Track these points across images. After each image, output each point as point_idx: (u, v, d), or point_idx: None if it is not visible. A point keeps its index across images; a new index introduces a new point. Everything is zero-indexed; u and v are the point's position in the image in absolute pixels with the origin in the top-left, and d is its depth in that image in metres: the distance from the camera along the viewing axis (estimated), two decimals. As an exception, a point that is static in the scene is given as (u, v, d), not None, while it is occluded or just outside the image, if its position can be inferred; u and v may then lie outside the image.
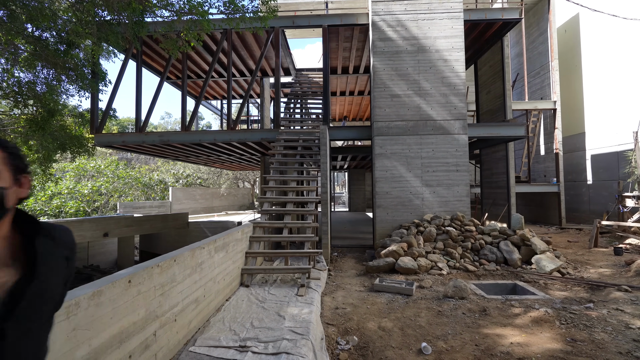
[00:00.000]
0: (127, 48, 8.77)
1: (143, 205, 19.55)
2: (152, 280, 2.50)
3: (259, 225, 5.65)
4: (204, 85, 8.92)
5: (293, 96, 11.40)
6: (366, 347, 3.39)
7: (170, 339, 2.74)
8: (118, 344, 2.09)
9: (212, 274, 3.74)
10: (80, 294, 1.81)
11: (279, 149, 7.55)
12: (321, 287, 5.00)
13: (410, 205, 7.62)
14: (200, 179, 27.39)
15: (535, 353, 3.12)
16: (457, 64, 7.64)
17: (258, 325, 3.39)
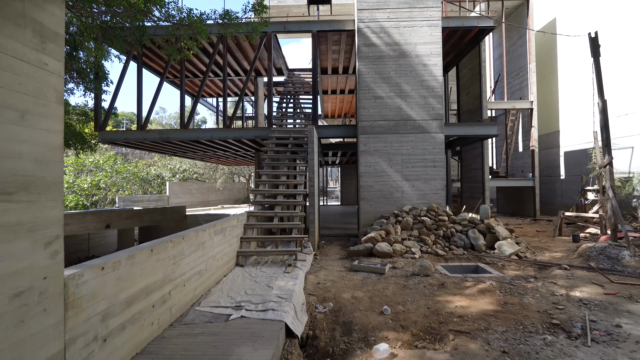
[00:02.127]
0: (129, 50, 9.34)
1: (141, 199, 20.10)
2: (167, 252, 3.22)
3: (252, 214, 6.37)
4: (201, 86, 9.55)
5: (286, 94, 12.06)
6: (339, 311, 4.15)
7: (180, 299, 3.48)
8: (145, 295, 2.82)
9: (212, 252, 4.47)
10: (120, 255, 2.53)
11: (271, 146, 8.24)
12: (306, 267, 5.76)
13: (391, 197, 8.38)
14: (197, 174, 27.96)
15: (472, 312, 3.90)
16: (435, 69, 8.36)
17: (250, 293, 4.14)
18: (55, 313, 1.86)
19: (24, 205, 1.68)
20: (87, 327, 2.14)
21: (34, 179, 1.75)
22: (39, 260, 1.76)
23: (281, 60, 11.54)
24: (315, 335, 3.70)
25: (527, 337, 3.29)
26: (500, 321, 3.66)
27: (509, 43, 14.17)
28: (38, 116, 1.78)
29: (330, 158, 16.36)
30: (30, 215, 1.71)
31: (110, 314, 2.37)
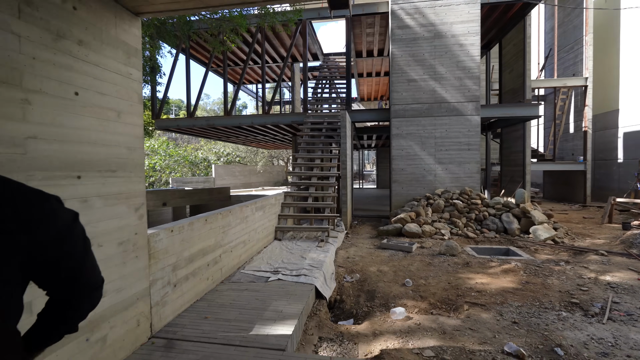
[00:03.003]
0: (178, 44, 10.21)
1: (190, 180, 21.95)
2: (218, 222, 3.88)
3: (289, 194, 6.96)
4: (242, 74, 10.19)
5: (321, 79, 12.34)
6: (365, 281, 4.60)
7: (229, 262, 4.16)
8: (201, 255, 3.49)
9: (254, 226, 5.12)
10: (184, 222, 3.18)
11: (306, 130, 8.70)
12: (338, 243, 6.25)
13: (424, 180, 8.48)
14: (239, 157, 29.56)
15: (491, 288, 4.13)
16: (473, 48, 8.10)
17: (287, 261, 4.74)
18: (143, 260, 2.53)
19: (122, 179, 2.31)
20: (163, 273, 2.82)
21: (127, 160, 2.37)
22: (132, 220, 2.40)
23: (316, 46, 11.77)
24: (342, 299, 4.21)
25: (541, 312, 3.49)
26: (518, 297, 3.86)
27: (563, 14, 12.90)
28: (128, 114, 2.38)
29: (365, 141, 16.48)
30: (126, 187, 2.35)
31: (178, 267, 3.04)
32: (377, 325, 3.30)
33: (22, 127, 1.66)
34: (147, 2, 2.28)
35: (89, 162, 2.06)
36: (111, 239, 2.21)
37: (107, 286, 2.18)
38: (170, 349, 2.46)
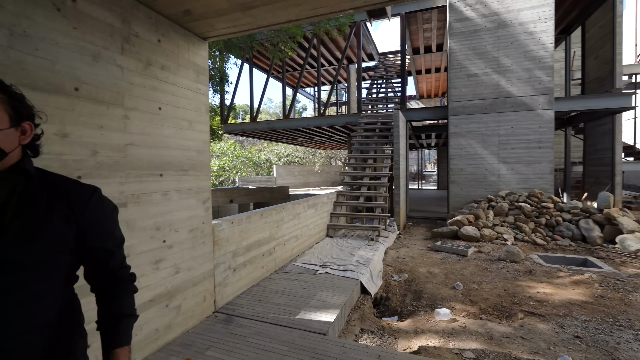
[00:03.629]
0: (242, 55, 11.21)
1: (254, 179, 23.63)
2: (272, 217, 4.28)
3: (341, 194, 7.18)
4: (299, 78, 10.74)
5: (376, 79, 12.30)
6: (413, 281, 4.59)
7: (282, 254, 4.55)
8: (257, 246, 3.91)
9: (305, 222, 5.46)
10: (242, 215, 3.62)
11: (360, 131, 8.82)
12: (388, 243, 6.27)
13: (485, 181, 7.94)
14: (298, 158, 30.82)
15: (555, 299, 3.79)
16: (545, 36, 7.32)
17: (335, 257, 4.97)
18: (209, 245, 3.00)
19: (192, 177, 2.79)
20: (224, 259, 3.27)
21: (196, 161, 2.84)
22: (200, 211, 2.88)
23: (371, 46, 11.78)
24: (388, 297, 4.28)
25: (614, 330, 3.12)
26: (586, 311, 3.49)
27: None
28: (197, 123, 2.86)
29: (424, 140, 15.86)
30: (195, 184, 2.82)
31: (237, 254, 3.49)
32: (419, 324, 3.32)
33: (123, 136, 2.18)
34: (212, 28, 2.72)
35: (169, 163, 2.55)
36: (184, 226, 2.70)
37: (181, 265, 2.66)
38: (229, 323, 2.87)
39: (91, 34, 1.96)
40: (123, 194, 2.16)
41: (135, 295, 2.05)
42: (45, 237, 0.79)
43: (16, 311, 0.75)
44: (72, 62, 1.86)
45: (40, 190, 0.82)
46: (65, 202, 0.84)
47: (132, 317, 0.96)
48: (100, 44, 2.02)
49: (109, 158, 2.08)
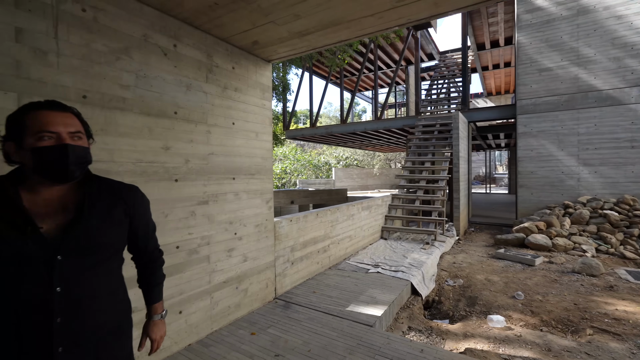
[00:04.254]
0: (303, 64, 11.91)
1: (314, 182, 24.49)
2: (327, 217, 4.63)
3: (396, 197, 7.23)
4: (357, 83, 10.99)
5: (436, 78, 11.90)
6: (468, 287, 4.49)
7: (336, 252, 4.87)
8: (313, 243, 4.29)
9: (359, 223, 5.70)
10: (300, 215, 4.04)
11: (418, 134, 8.71)
12: (445, 248, 6.14)
13: (561, 185, 7.19)
14: (357, 161, 30.98)
15: (637, 318, 3.38)
16: (639, 18, 6.37)
17: (388, 258, 5.10)
18: (271, 240, 3.45)
19: (258, 180, 3.27)
20: (283, 252, 3.71)
21: (261, 167, 3.32)
22: (264, 209, 3.35)
23: (431, 46, 11.46)
24: (440, 300, 4.28)
25: None
26: (678, 334, 3.07)
27: None
28: (262, 133, 3.34)
29: (492, 141, 14.72)
30: (260, 186, 3.30)
31: (295, 249, 3.91)
32: (470, 328, 3.31)
33: (206, 147, 2.72)
34: (275, 52, 3.17)
35: (240, 168, 3.06)
36: (250, 222, 3.18)
37: (248, 254, 3.15)
38: (287, 309, 3.28)
39: (186, 69, 2.54)
40: (206, 194, 2.71)
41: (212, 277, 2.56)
42: (114, 224, 1.03)
43: (100, 279, 0.99)
44: (173, 92, 2.44)
45: (102, 190, 1.03)
46: (120, 198, 1.06)
47: (162, 283, 1.28)
48: (192, 76, 2.59)
49: (197, 165, 2.63)
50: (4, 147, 0.91)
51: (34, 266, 0.86)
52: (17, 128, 0.89)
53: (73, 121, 0.94)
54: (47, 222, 0.90)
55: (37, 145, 0.87)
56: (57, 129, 0.89)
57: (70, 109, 0.96)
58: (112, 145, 2.05)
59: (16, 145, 0.89)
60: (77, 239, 0.92)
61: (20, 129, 0.88)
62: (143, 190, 2.10)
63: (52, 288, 0.87)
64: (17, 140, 0.89)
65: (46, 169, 0.88)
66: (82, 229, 0.93)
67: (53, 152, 0.87)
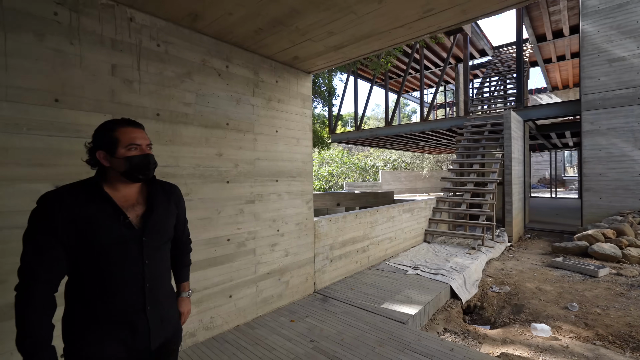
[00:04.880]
0: (347, 69, 12.12)
1: (360, 185, 24.46)
2: (366, 218, 4.78)
3: (441, 200, 7.06)
4: (402, 84, 10.88)
5: (488, 75, 11.23)
6: (515, 295, 4.28)
7: (375, 253, 4.98)
8: (352, 243, 4.48)
9: (400, 225, 5.72)
10: (339, 215, 4.26)
11: (466, 134, 8.37)
12: (493, 254, 5.86)
13: (638, 189, 6.36)
14: (405, 163, 30.18)
15: None
16: None
17: (429, 261, 5.07)
18: (310, 237, 3.73)
19: (299, 182, 3.57)
20: (322, 250, 3.96)
21: (301, 170, 3.62)
22: (304, 209, 3.64)
23: (482, 41, 10.87)
24: (482, 306, 4.16)
25: None
26: None
27: None
28: (303, 139, 3.64)
29: (557, 140, 13.36)
30: (301, 188, 3.60)
31: (334, 247, 4.14)
32: (510, 334, 3.21)
33: (253, 153, 3.10)
34: (314, 64, 3.46)
35: (282, 172, 3.39)
36: (292, 220, 3.50)
37: (289, 250, 3.46)
38: (325, 302, 3.52)
39: (236, 85, 2.94)
40: (252, 194, 3.08)
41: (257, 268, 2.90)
42: (171, 214, 1.32)
43: (164, 257, 1.29)
44: (226, 106, 2.85)
45: (159, 189, 1.30)
46: (171, 195, 1.34)
47: (189, 266, 1.54)
48: (241, 91, 2.98)
49: (245, 168, 3.01)
50: (94, 155, 1.16)
51: (130, 246, 1.15)
52: (109, 140, 1.14)
53: (146, 135, 1.24)
54: (130, 213, 1.18)
55: (127, 154, 1.15)
56: (140, 142, 1.19)
57: (142, 125, 1.25)
58: (177, 153, 2.50)
59: (107, 154, 1.15)
60: (153, 225, 1.21)
61: (112, 142, 1.14)
62: (201, 190, 2.54)
63: (142, 262, 1.17)
64: (109, 150, 1.14)
65: (135, 172, 1.17)
66: (154, 218, 1.22)
67: (141, 159, 1.18)
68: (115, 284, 1.13)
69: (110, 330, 1.13)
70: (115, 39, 2.17)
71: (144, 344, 1.18)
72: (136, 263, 1.16)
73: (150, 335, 1.18)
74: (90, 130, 2.00)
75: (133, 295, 1.16)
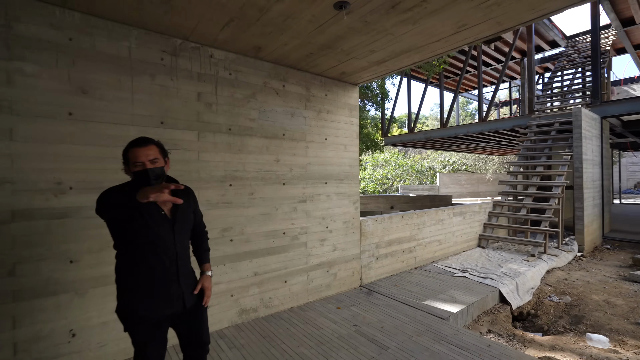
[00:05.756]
0: (400, 72, 12.10)
1: (416, 188, 23.79)
2: (412, 220, 4.93)
3: (498, 204, 6.76)
4: (459, 82, 10.52)
5: (563, 67, 10.21)
6: (576, 306, 4.04)
7: (422, 254, 5.09)
8: (398, 243, 4.68)
9: (450, 229, 5.70)
10: (385, 216, 4.51)
11: (530, 135, 7.83)
12: (557, 263, 5.47)
13: None
14: (466, 165, 28.39)
15: None
16: None
17: (480, 266, 4.99)
18: (357, 235, 4.06)
19: (346, 185, 3.93)
20: (369, 247, 4.25)
21: (349, 173, 3.98)
22: (351, 209, 3.98)
23: (552, 32, 9.96)
24: (536, 314, 4.02)
25: None
26: None
27: None
28: (350, 146, 4.00)
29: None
30: (348, 189, 3.96)
31: (379, 246, 4.40)
32: (561, 342, 3.13)
33: (305, 159, 3.55)
34: (360, 77, 3.80)
35: (331, 175, 3.79)
36: (339, 219, 3.87)
37: (337, 245, 3.84)
38: (369, 295, 3.81)
39: (290, 101, 3.43)
40: (304, 194, 3.53)
41: (308, 260, 3.35)
42: (190, 209, 1.65)
43: (186, 241, 1.63)
44: (282, 119, 3.35)
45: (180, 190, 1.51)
46: (188, 195, 1.65)
47: (208, 251, 1.82)
48: (295, 106, 3.47)
49: (298, 172, 3.48)
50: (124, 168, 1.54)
51: (167, 232, 1.52)
52: (125, 159, 1.51)
53: (152, 151, 1.48)
54: (164, 208, 1.54)
55: (134, 170, 1.47)
56: (142, 160, 1.45)
57: (152, 141, 1.52)
58: (244, 160, 3.06)
59: (127, 168, 1.51)
60: (180, 217, 1.57)
61: (126, 160, 1.50)
62: (262, 190, 3.08)
63: (175, 244, 1.54)
64: (127, 165, 1.51)
65: (140, 182, 1.46)
66: (180, 211, 1.57)
67: (141, 173, 1.46)
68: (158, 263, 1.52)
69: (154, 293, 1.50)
70: (200, 72, 2.80)
71: (180, 304, 1.56)
72: (170, 245, 1.53)
73: (184, 297, 1.59)
74: (184, 144, 2.65)
75: (171, 272, 1.54)
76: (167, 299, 1.53)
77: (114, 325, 2.33)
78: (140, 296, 1.49)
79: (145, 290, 1.49)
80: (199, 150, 2.78)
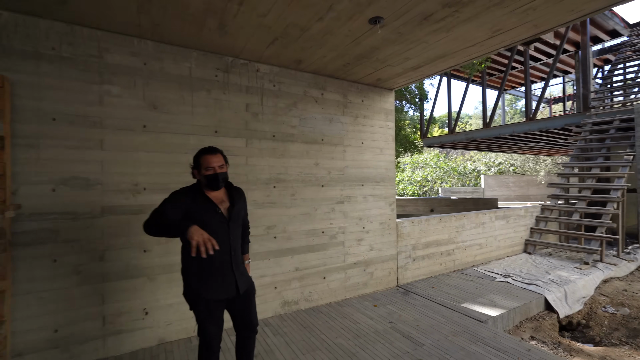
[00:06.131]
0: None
1: (458, 190, 22.80)
2: (451, 222, 4.88)
3: (547, 208, 6.38)
4: (504, 80, 10.04)
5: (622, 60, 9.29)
6: (635, 319, 3.75)
7: (461, 258, 5.01)
8: (436, 245, 4.67)
9: (492, 233, 5.52)
10: (422, 218, 4.54)
11: (585, 134, 7.27)
12: (615, 272, 5.06)
13: None
14: (514, 166, 26.59)
15: None
16: None
17: (525, 272, 4.79)
18: (393, 236, 4.15)
19: (382, 187, 4.05)
20: (405, 249, 4.31)
21: (385, 176, 4.09)
22: (387, 210, 4.09)
23: (613, 21, 9.11)
24: (588, 325, 3.80)
25: None
26: None
27: None
28: (386, 149, 4.11)
29: None
30: (384, 191, 4.07)
31: (416, 247, 4.44)
32: (613, 353, 2.96)
33: (343, 162, 3.74)
34: (395, 83, 3.91)
35: (367, 177, 3.94)
36: (376, 220, 4.00)
37: (374, 245, 3.97)
38: (406, 295, 3.88)
39: (329, 108, 3.65)
40: (342, 196, 3.72)
41: (345, 258, 3.54)
42: (242, 208, 1.94)
43: (238, 235, 1.89)
44: (321, 126, 3.58)
45: (234, 191, 1.90)
46: (241, 195, 1.95)
47: (248, 243, 2.12)
48: (332, 112, 3.68)
49: (336, 175, 3.68)
50: (193, 172, 1.81)
51: (223, 227, 1.79)
52: (197, 163, 1.79)
53: (219, 158, 1.79)
54: (221, 207, 1.81)
55: (205, 173, 1.76)
56: (213, 165, 1.75)
57: (219, 150, 1.82)
58: (286, 164, 3.33)
59: (197, 172, 1.80)
60: (234, 215, 1.84)
61: (198, 164, 1.78)
62: (302, 191, 3.35)
63: (229, 238, 1.80)
64: (198, 169, 1.79)
65: (209, 185, 1.77)
66: (235, 210, 1.84)
67: (212, 177, 1.76)
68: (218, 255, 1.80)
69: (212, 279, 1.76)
70: (248, 85, 3.12)
71: (234, 290, 1.83)
72: (226, 239, 1.79)
73: (238, 284, 1.84)
74: (234, 150, 2.98)
75: (227, 261, 1.81)
76: (223, 285, 1.79)
77: (177, 307, 2.70)
78: (202, 281, 1.76)
79: (206, 277, 1.76)
80: (247, 155, 3.10)
